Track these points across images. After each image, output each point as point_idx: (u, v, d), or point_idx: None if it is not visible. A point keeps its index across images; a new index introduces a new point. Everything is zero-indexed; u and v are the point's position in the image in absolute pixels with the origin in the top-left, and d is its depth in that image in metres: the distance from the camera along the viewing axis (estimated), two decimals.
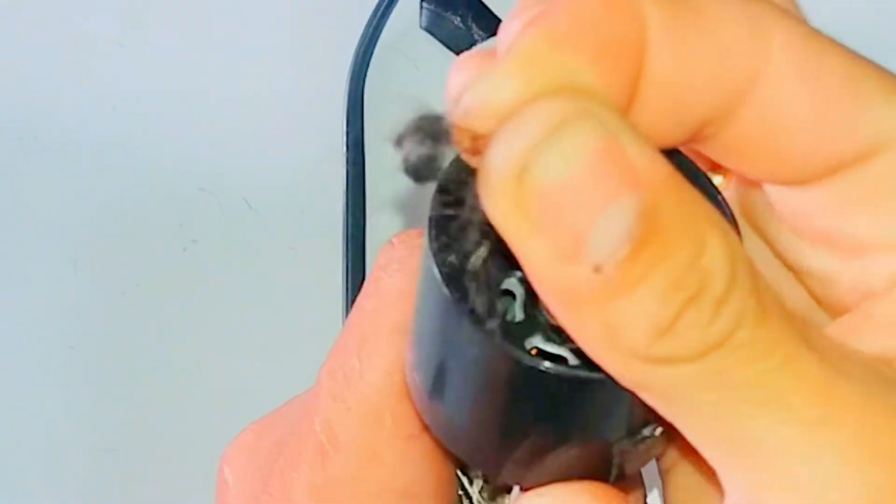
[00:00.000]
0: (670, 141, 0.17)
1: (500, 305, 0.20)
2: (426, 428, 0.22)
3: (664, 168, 0.14)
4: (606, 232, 0.14)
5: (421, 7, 0.38)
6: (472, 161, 0.15)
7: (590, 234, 0.14)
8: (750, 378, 0.15)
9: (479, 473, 0.25)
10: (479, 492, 0.26)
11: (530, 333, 0.20)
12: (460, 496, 0.26)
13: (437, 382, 0.21)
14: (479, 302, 0.18)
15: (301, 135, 0.36)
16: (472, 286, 0.18)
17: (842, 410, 0.15)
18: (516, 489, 0.24)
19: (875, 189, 0.17)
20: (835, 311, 0.19)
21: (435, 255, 0.19)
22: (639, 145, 0.14)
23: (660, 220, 0.14)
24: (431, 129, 0.16)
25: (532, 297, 0.19)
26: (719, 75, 0.16)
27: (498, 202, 0.14)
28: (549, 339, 0.20)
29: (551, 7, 0.15)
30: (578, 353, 0.18)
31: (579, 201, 0.14)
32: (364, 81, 0.34)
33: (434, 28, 0.37)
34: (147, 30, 0.39)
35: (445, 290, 0.18)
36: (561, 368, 0.18)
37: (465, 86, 0.15)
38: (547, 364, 0.19)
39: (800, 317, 0.16)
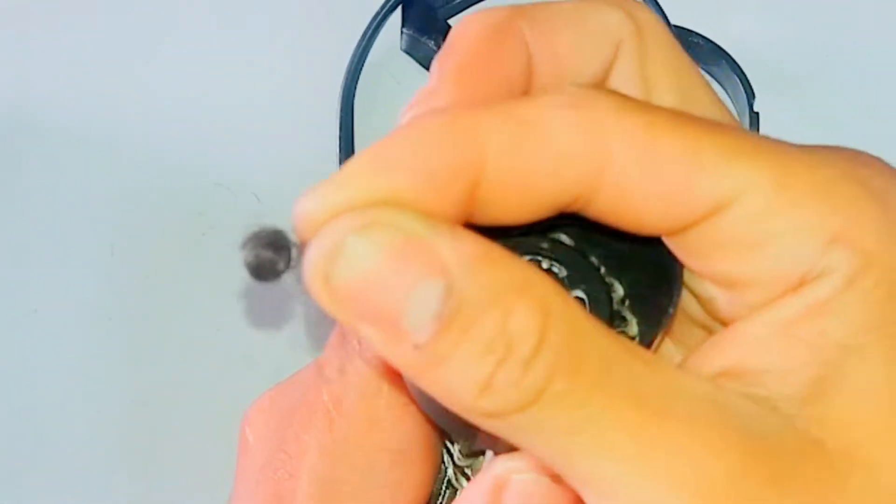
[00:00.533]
0: (535, 212, 0.18)
1: None
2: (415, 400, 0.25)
3: (471, 249, 0.16)
4: (417, 313, 0.15)
5: (401, 33, 0.40)
6: None
7: (403, 317, 0.16)
8: (573, 424, 0.16)
9: (453, 445, 0.28)
10: (459, 451, 0.28)
11: None
12: (443, 457, 0.29)
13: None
14: None
15: (301, 139, 0.39)
16: None
17: (655, 444, 0.17)
18: (489, 452, 0.27)
19: (726, 239, 0.18)
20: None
21: None
22: (442, 235, 0.16)
23: (464, 296, 0.16)
24: (270, 238, 0.17)
25: None
26: (559, 180, 0.17)
27: (320, 301, 0.16)
28: None
29: (393, 136, 0.17)
30: None
31: (384, 291, 0.16)
32: (354, 95, 0.38)
33: (412, 50, 0.41)
34: (177, 50, 0.41)
35: None
36: None
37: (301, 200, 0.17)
38: None
39: (625, 354, 0.18)
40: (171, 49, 0.43)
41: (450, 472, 0.29)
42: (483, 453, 0.28)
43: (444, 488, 0.29)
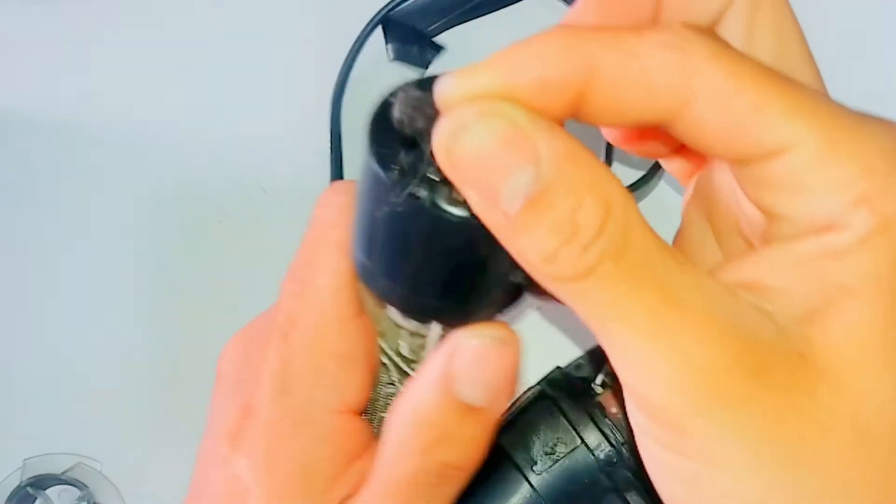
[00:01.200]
0: (629, 123, 0.20)
1: (416, 180, 0.23)
2: (360, 313, 0.28)
3: (561, 148, 0.18)
4: (511, 189, 0.18)
5: (386, 47, 0.43)
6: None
7: (500, 190, 0.18)
8: (611, 298, 0.19)
9: (399, 343, 0.30)
10: (398, 354, 0.30)
11: (439, 196, 0.23)
12: (387, 363, 0.31)
13: (371, 251, 0.25)
14: (401, 175, 0.22)
15: (298, 141, 0.43)
16: (397, 166, 0.22)
17: (667, 326, 0.19)
18: (430, 344, 0.28)
19: (775, 178, 0.20)
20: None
21: (370, 149, 0.23)
22: (542, 132, 0.18)
23: (549, 184, 0.18)
24: (415, 102, 0.20)
25: (445, 181, 0.21)
26: (649, 105, 0.19)
27: (441, 164, 0.18)
28: (453, 203, 0.23)
29: (526, 42, 0.19)
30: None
31: (490, 167, 0.18)
32: (341, 104, 0.42)
33: (402, 57, 0.43)
34: (197, 71, 0.44)
35: (376, 167, 0.22)
36: (454, 211, 0.22)
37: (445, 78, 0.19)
38: (451, 210, 0.22)
39: (665, 255, 0.19)
40: (192, 70, 0.45)
41: (393, 375, 0.31)
42: (418, 360, 0.30)
43: (386, 391, 0.31)
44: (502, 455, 0.36)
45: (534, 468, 0.35)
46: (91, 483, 0.41)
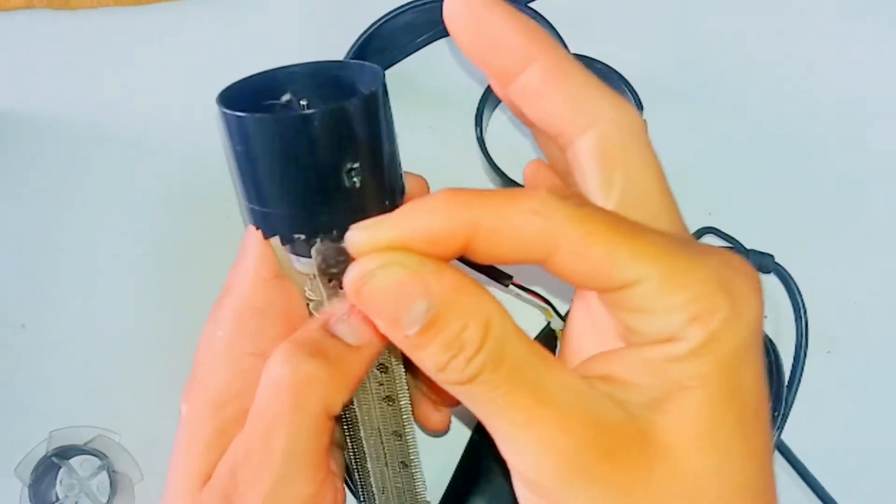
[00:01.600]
0: (509, 263, 0.24)
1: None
2: (277, 276, 0.34)
3: (447, 283, 0.22)
4: (409, 318, 0.22)
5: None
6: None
7: (401, 319, 0.22)
8: (490, 398, 0.22)
9: (305, 291, 0.35)
10: (308, 301, 0.35)
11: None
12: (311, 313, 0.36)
13: (243, 189, 0.32)
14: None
15: None
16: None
17: (537, 420, 0.22)
18: (320, 279, 0.33)
19: (628, 304, 0.23)
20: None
21: (220, 108, 0.31)
22: (432, 273, 0.22)
23: (439, 313, 0.22)
24: (335, 251, 0.28)
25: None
26: (522, 255, 0.23)
27: (351, 297, 0.22)
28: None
29: (420, 204, 0.22)
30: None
31: (391, 303, 0.22)
32: None
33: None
34: (211, 86, 0.42)
35: (225, 111, 0.30)
36: (309, 111, 0.29)
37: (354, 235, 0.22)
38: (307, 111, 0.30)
39: (536, 360, 0.23)
40: (201, 80, 0.45)
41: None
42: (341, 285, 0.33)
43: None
44: (491, 455, 0.39)
45: None
46: (111, 453, 0.44)
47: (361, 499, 0.40)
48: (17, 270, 0.46)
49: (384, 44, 0.45)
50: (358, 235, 0.22)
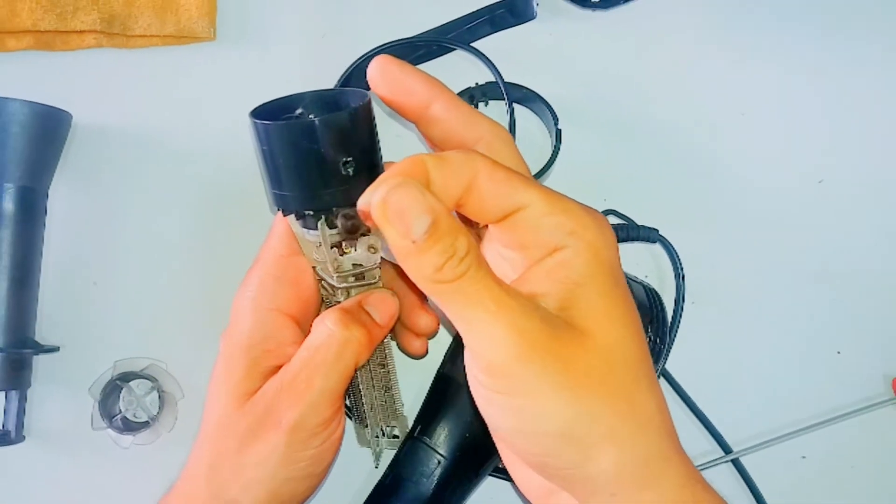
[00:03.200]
0: (454, 194, 0.27)
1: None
2: (294, 252, 0.38)
3: (444, 209, 0.25)
4: (417, 227, 0.24)
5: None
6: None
7: (411, 227, 0.24)
8: (473, 290, 0.25)
9: (313, 258, 0.38)
10: (333, 277, 0.38)
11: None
12: (324, 291, 0.40)
13: (277, 179, 0.35)
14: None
15: None
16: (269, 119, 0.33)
17: (504, 307, 0.25)
18: (326, 247, 0.36)
19: (521, 224, 0.28)
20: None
21: (252, 118, 0.34)
22: (435, 200, 0.24)
23: (439, 226, 0.24)
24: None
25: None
26: (459, 184, 0.27)
27: (377, 212, 0.24)
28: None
29: (391, 174, 0.25)
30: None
31: (407, 214, 0.24)
32: None
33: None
34: (236, 108, 0.45)
35: (255, 122, 0.33)
36: (320, 118, 0.32)
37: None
38: (313, 118, 0.33)
39: (492, 271, 0.26)
40: (232, 105, 0.49)
41: (328, 291, 0.40)
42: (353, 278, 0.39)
43: (323, 302, 0.41)
44: (454, 383, 0.42)
45: None
46: (160, 377, 0.49)
47: (355, 414, 0.45)
48: (92, 242, 0.51)
49: (365, 73, 0.42)
50: (372, 185, 0.25)
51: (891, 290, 0.50)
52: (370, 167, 0.35)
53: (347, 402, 0.45)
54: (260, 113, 0.35)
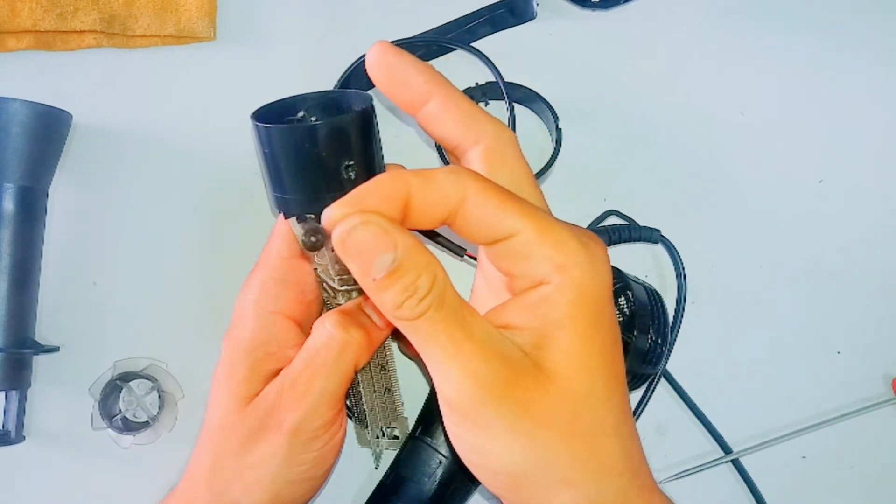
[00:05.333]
0: (435, 223, 0.26)
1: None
2: (295, 255, 0.37)
3: (410, 242, 0.24)
4: (378, 265, 0.23)
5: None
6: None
7: (372, 265, 0.23)
8: (431, 331, 0.25)
9: (315, 261, 0.37)
10: (319, 274, 0.38)
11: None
12: (325, 293, 0.40)
13: (278, 182, 0.34)
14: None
15: None
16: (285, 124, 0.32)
17: (460, 351, 0.25)
18: (326, 252, 0.36)
19: (509, 252, 0.26)
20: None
21: (253, 120, 0.33)
22: (399, 233, 0.24)
23: (401, 265, 0.23)
24: (314, 225, 0.28)
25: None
26: (443, 206, 0.25)
27: (338, 251, 0.24)
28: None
29: (364, 194, 0.24)
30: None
31: (367, 252, 0.23)
32: None
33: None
34: (238, 109, 0.45)
35: (257, 125, 0.32)
36: (325, 120, 0.32)
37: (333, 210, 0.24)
38: (315, 121, 0.33)
39: (464, 308, 0.25)
40: (233, 105, 0.49)
41: (327, 295, 0.40)
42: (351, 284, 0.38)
43: (325, 304, 0.41)
44: None
45: None
46: (160, 377, 0.49)
47: (355, 416, 0.45)
48: (92, 242, 0.51)
49: (364, 73, 0.41)
50: (332, 209, 0.24)
51: (891, 290, 0.50)
52: (372, 170, 0.35)
53: (348, 402, 0.45)
54: (261, 115, 0.35)
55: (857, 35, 0.52)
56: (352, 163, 0.33)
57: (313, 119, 0.36)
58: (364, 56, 0.46)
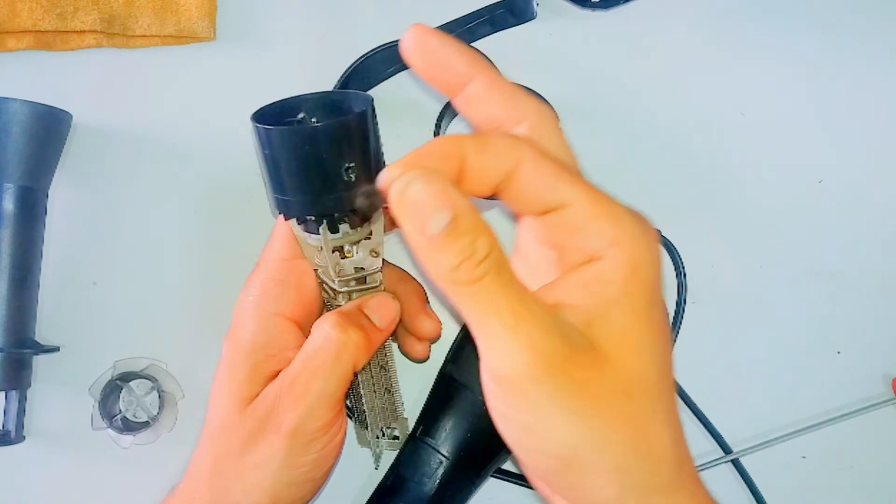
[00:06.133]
0: (489, 182, 0.25)
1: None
2: (296, 256, 0.37)
3: (466, 202, 0.23)
4: (434, 224, 0.22)
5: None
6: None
7: (428, 224, 0.22)
8: (489, 298, 0.23)
9: (314, 261, 0.37)
10: (320, 273, 0.38)
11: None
12: (325, 287, 0.39)
13: (279, 184, 0.34)
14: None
15: None
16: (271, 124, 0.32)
17: (521, 322, 0.23)
18: (327, 251, 0.36)
19: (561, 223, 0.25)
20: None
21: (253, 122, 0.33)
22: (458, 194, 0.23)
23: (458, 224, 0.22)
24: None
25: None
26: (498, 171, 0.25)
27: (393, 204, 0.23)
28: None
29: (422, 154, 0.24)
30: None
31: (424, 209, 0.22)
32: None
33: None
34: (239, 112, 0.43)
35: (258, 126, 0.32)
36: (325, 122, 0.32)
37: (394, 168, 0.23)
38: (318, 124, 0.33)
39: (516, 278, 0.24)
40: (234, 104, 0.49)
41: (328, 295, 0.40)
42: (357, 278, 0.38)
43: (325, 305, 0.41)
44: (456, 384, 0.42)
45: (481, 387, 0.36)
46: (160, 377, 0.49)
47: (356, 416, 0.46)
48: (92, 242, 0.51)
49: (364, 73, 0.50)
50: (391, 169, 0.23)
51: (891, 290, 0.50)
52: (373, 172, 0.35)
53: (348, 402, 0.45)
54: (261, 116, 0.35)
55: (858, 35, 0.52)
56: (353, 164, 0.33)
57: (313, 120, 0.36)
58: (365, 56, 0.49)
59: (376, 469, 0.48)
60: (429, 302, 0.44)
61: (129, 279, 0.51)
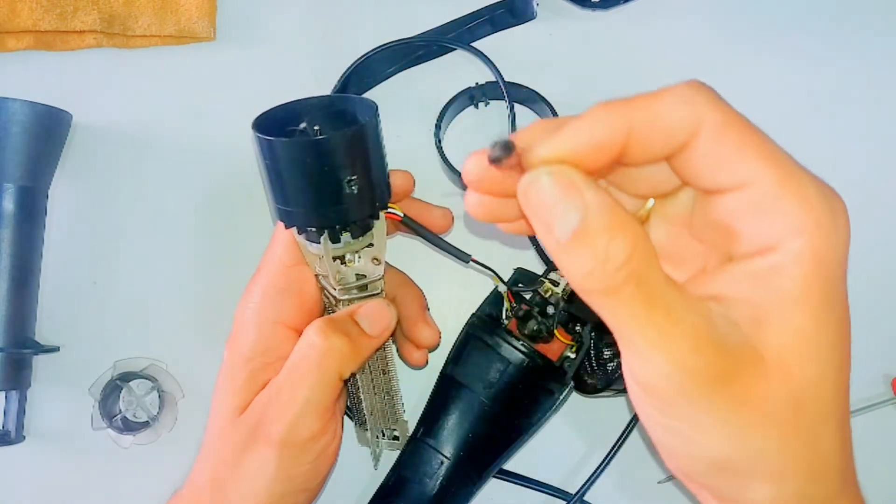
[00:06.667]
0: (650, 161, 0.22)
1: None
2: (298, 263, 0.37)
3: (602, 200, 0.20)
4: (564, 224, 0.20)
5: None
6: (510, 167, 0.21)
7: (556, 223, 0.20)
8: (630, 312, 0.21)
9: (315, 268, 0.37)
10: (321, 279, 0.38)
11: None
12: (327, 301, 0.39)
13: (281, 194, 0.34)
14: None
15: None
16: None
17: (666, 339, 0.21)
18: (328, 259, 0.35)
19: (741, 203, 0.22)
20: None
21: (255, 132, 0.32)
22: (589, 188, 0.20)
23: (590, 224, 0.20)
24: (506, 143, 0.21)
25: None
26: (666, 145, 0.21)
27: (520, 200, 0.21)
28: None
29: (580, 124, 0.21)
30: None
31: (551, 207, 0.20)
32: None
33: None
34: (242, 114, 0.44)
35: (260, 136, 0.31)
36: (327, 135, 0.31)
37: (530, 140, 0.21)
38: (319, 136, 0.32)
39: (670, 284, 0.21)
40: (236, 105, 0.50)
41: (330, 301, 0.40)
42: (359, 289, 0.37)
43: (325, 312, 0.40)
44: (457, 384, 0.42)
45: (482, 387, 0.41)
46: (160, 377, 0.49)
47: (356, 420, 0.46)
48: (92, 242, 0.51)
49: (365, 73, 0.50)
50: (537, 149, 0.21)
51: (890, 290, 0.50)
52: (375, 182, 0.35)
53: (349, 404, 0.45)
54: (262, 122, 0.34)
55: (859, 35, 0.52)
56: (354, 177, 0.33)
57: (316, 128, 0.36)
58: (365, 56, 0.49)
59: (375, 469, 0.48)
60: (429, 309, 0.44)
61: (129, 279, 0.51)
